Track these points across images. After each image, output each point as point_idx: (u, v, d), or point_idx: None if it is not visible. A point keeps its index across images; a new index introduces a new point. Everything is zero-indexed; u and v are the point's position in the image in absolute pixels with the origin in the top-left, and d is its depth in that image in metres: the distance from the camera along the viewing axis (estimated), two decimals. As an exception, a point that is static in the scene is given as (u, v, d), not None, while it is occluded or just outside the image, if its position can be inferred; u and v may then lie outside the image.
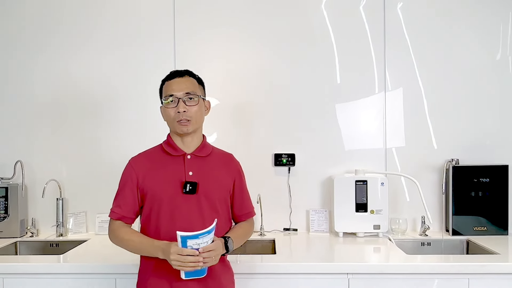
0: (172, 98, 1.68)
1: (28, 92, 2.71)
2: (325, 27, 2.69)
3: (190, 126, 1.70)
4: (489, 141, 2.66)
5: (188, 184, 1.66)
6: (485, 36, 2.66)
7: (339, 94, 2.69)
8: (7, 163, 2.66)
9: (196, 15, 2.69)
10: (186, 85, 1.70)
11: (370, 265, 2.04)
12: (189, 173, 1.69)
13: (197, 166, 1.71)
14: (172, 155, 1.72)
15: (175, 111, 1.68)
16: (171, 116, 1.69)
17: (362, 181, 2.50)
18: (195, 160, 1.73)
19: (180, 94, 1.68)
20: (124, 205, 1.70)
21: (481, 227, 2.52)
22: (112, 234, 1.72)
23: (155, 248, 1.60)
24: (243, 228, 1.83)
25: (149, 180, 1.69)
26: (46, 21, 2.71)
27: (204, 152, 1.76)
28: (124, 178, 1.73)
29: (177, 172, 1.69)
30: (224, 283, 1.73)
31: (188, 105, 1.68)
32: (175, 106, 1.68)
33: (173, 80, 1.71)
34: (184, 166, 1.70)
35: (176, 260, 1.51)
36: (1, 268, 2.04)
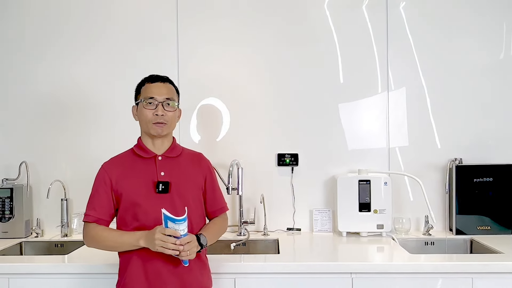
0: (152, 100, 1.73)
1: (32, 93, 2.72)
2: (327, 26, 2.69)
3: (165, 129, 1.76)
4: (492, 140, 2.65)
5: (160, 184, 1.71)
6: (489, 35, 2.66)
7: (342, 93, 2.69)
8: (12, 164, 2.68)
9: (198, 15, 2.70)
10: (167, 91, 1.77)
11: (374, 264, 2.04)
12: (161, 173, 1.74)
13: (168, 167, 1.76)
14: (144, 157, 1.77)
15: (153, 113, 1.73)
16: (148, 117, 1.74)
17: (365, 181, 2.50)
18: (166, 161, 1.77)
19: (160, 98, 1.74)
20: (98, 207, 1.73)
21: (485, 226, 2.52)
22: (88, 236, 1.74)
23: (136, 237, 1.65)
24: (216, 224, 1.88)
25: (123, 182, 1.73)
26: (50, 22, 2.72)
27: (175, 152, 1.81)
28: (98, 181, 1.77)
29: (149, 173, 1.74)
30: (201, 279, 1.77)
31: (166, 110, 1.74)
32: (154, 108, 1.73)
33: (155, 84, 1.77)
34: (156, 167, 1.75)
35: (159, 239, 1.57)
36: (6, 268, 2.06)
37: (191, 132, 2.70)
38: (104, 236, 1.71)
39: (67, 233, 2.63)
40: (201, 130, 2.71)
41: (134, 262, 1.70)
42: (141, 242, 1.64)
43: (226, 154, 2.66)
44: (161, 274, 1.68)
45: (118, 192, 1.73)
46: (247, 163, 2.61)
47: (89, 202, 1.76)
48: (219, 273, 1.97)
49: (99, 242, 1.73)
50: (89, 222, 1.73)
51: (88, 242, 1.76)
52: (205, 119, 2.71)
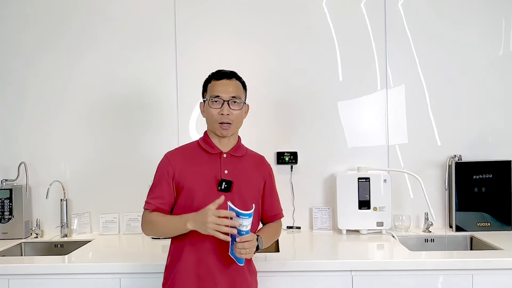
0: (217, 99, 1.70)
1: (31, 94, 2.72)
2: (326, 24, 2.69)
3: (230, 130, 1.73)
4: (492, 137, 2.65)
5: (223, 182, 1.68)
6: (487, 31, 2.66)
7: (341, 91, 2.69)
8: (10, 165, 2.68)
9: (196, 12, 2.69)
10: (233, 89, 1.72)
11: (374, 262, 2.04)
12: (225, 171, 1.71)
13: (232, 165, 1.74)
14: (209, 153, 1.74)
15: (218, 112, 1.70)
16: (214, 117, 1.71)
17: (365, 179, 2.50)
18: (231, 159, 1.75)
19: (226, 97, 1.70)
20: (160, 197, 1.71)
21: (485, 223, 2.52)
22: (145, 222, 1.72)
23: (183, 220, 1.60)
24: (272, 228, 1.86)
25: (185, 175, 1.70)
26: (51, 24, 2.72)
27: (239, 152, 1.79)
28: (161, 171, 1.73)
29: (213, 169, 1.71)
30: (250, 280, 1.75)
31: (232, 109, 1.71)
32: (220, 107, 1.70)
33: (221, 81, 1.72)
34: (220, 164, 1.72)
35: (212, 222, 1.51)
36: (6, 269, 2.06)
37: (190, 130, 2.70)
38: (157, 222, 1.68)
39: (67, 234, 2.63)
40: (200, 128, 2.70)
41: (186, 256, 1.67)
42: (189, 225, 1.58)
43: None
44: (213, 273, 1.65)
45: (179, 184, 1.70)
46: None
47: (151, 191, 1.74)
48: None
49: (153, 228, 1.71)
50: (149, 210, 1.71)
51: (145, 228, 1.73)
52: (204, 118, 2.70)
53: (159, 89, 2.70)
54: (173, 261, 1.72)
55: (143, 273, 2.02)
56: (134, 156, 2.69)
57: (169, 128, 2.70)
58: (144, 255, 2.27)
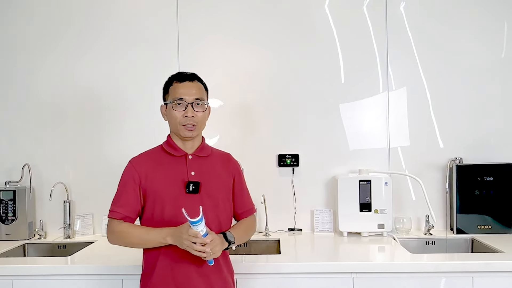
0: (181, 101, 1.68)
1: (34, 96, 2.74)
2: (328, 27, 2.70)
3: (195, 131, 1.71)
4: (493, 139, 2.66)
5: (191, 184, 1.67)
6: (490, 34, 2.66)
7: (343, 93, 2.70)
8: (14, 167, 2.70)
9: (199, 17, 2.71)
10: (196, 91, 1.71)
11: (375, 264, 2.06)
12: (191, 173, 1.70)
13: (198, 166, 1.72)
14: (174, 156, 1.72)
15: (182, 115, 1.68)
16: (177, 119, 1.69)
17: (366, 181, 2.51)
18: (196, 160, 1.73)
19: (190, 99, 1.68)
20: (126, 205, 1.67)
21: (486, 225, 2.52)
22: (113, 233, 1.68)
23: (163, 234, 1.60)
24: (244, 223, 1.85)
25: (152, 180, 1.68)
26: (52, 25, 2.74)
27: (205, 152, 1.77)
28: (125, 177, 1.71)
29: (179, 172, 1.70)
30: (227, 278, 1.76)
31: (196, 111, 1.69)
32: (183, 109, 1.68)
33: (183, 84, 1.71)
34: (186, 166, 1.71)
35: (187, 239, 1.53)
36: (10, 270, 2.08)
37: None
38: (130, 233, 1.65)
39: (70, 235, 2.65)
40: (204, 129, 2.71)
41: (161, 263, 1.66)
42: (168, 239, 1.59)
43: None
44: (190, 277, 1.65)
45: (146, 190, 1.68)
46: (248, 164, 2.61)
47: (116, 199, 1.70)
48: (220, 273, 1.98)
49: (125, 239, 1.67)
50: (116, 219, 1.67)
51: (113, 239, 1.69)
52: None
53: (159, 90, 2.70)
54: (148, 268, 1.70)
55: (145, 275, 2.03)
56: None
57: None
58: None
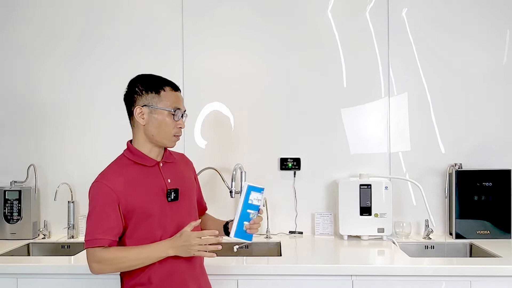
0: (178, 112, 1.62)
1: (39, 97, 2.77)
2: (331, 32, 2.73)
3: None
4: (494, 145, 2.68)
5: (172, 192, 1.62)
6: (491, 40, 2.69)
7: (345, 98, 2.73)
8: (20, 167, 2.73)
9: (203, 19, 2.75)
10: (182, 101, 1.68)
11: (374, 267, 2.08)
12: (168, 180, 1.64)
13: (171, 172, 1.67)
14: (146, 166, 1.62)
15: (175, 125, 1.62)
16: (169, 128, 1.60)
17: (366, 185, 2.54)
18: (167, 167, 1.68)
19: (183, 110, 1.65)
20: (110, 229, 1.54)
21: (484, 230, 2.54)
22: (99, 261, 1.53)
23: (162, 248, 1.54)
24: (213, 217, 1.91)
25: (132, 196, 1.56)
26: (54, 28, 2.77)
27: (171, 158, 1.73)
28: (102, 200, 1.54)
29: (157, 182, 1.62)
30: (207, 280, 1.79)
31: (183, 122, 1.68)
32: (177, 120, 1.62)
33: (177, 93, 1.65)
34: (162, 175, 1.64)
35: (197, 244, 1.52)
36: (15, 269, 2.11)
37: (195, 136, 2.75)
38: (125, 257, 1.54)
39: (74, 235, 2.68)
40: (205, 134, 2.75)
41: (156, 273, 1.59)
42: (170, 251, 1.53)
43: (229, 158, 2.71)
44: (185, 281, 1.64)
45: (128, 209, 1.55)
46: (250, 167, 2.64)
47: (95, 225, 1.53)
48: (222, 274, 2.01)
49: (119, 264, 1.55)
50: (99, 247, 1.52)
51: (100, 268, 1.54)
52: (209, 124, 2.76)
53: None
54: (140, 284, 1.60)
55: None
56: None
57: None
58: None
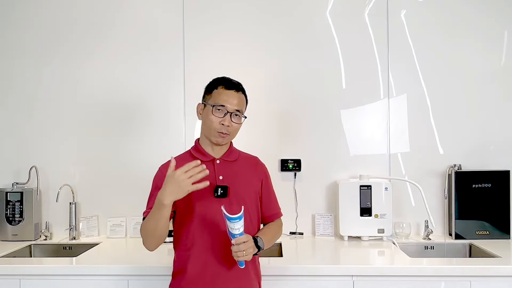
0: (222, 108, 1.68)
1: (41, 100, 2.79)
2: (330, 34, 2.75)
3: (226, 139, 1.73)
4: (493, 146, 2.70)
5: (219, 188, 1.68)
6: (489, 42, 2.71)
7: (344, 100, 2.75)
8: (22, 168, 2.75)
9: (204, 19, 2.77)
10: (238, 102, 1.72)
11: (374, 267, 2.09)
12: (220, 177, 1.71)
13: (226, 170, 1.74)
14: (202, 160, 1.67)
15: (219, 122, 1.68)
16: (213, 124, 1.68)
17: (366, 186, 2.55)
18: (224, 165, 1.75)
19: (231, 109, 1.69)
20: None
21: (484, 231, 2.56)
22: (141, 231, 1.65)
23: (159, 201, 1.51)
24: (271, 228, 1.86)
25: None
26: (57, 27, 2.79)
27: (232, 156, 1.79)
28: (155, 183, 1.71)
29: (207, 177, 1.62)
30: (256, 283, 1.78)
31: (233, 121, 1.71)
32: (222, 117, 1.68)
33: (229, 91, 1.72)
34: (214, 171, 1.72)
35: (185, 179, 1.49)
36: (17, 270, 2.12)
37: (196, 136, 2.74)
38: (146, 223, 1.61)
39: (75, 236, 2.69)
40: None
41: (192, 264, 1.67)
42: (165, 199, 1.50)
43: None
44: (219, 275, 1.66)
45: None
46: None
47: (149, 201, 1.70)
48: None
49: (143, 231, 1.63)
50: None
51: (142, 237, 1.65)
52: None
53: (166, 94, 2.77)
54: (179, 268, 1.71)
55: (151, 275, 2.08)
56: (142, 161, 2.74)
57: (176, 134, 2.76)
58: (151, 257, 2.31)
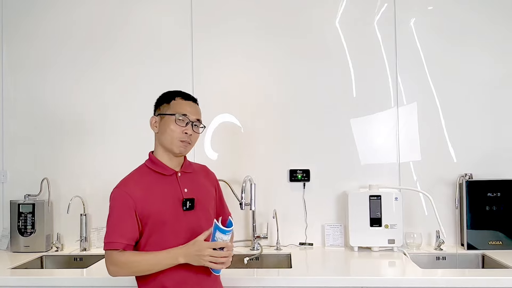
0: (184, 118, 1.70)
1: (53, 112, 2.83)
2: (339, 42, 2.76)
3: (188, 149, 1.73)
4: (505, 154, 2.66)
5: (187, 201, 1.68)
6: (499, 48, 2.69)
7: (354, 108, 2.74)
8: (34, 180, 2.78)
9: (212, 31, 2.79)
10: (198, 112, 1.76)
11: (385, 279, 2.07)
12: (185, 190, 1.71)
13: (188, 182, 1.74)
14: (164, 175, 1.71)
15: (182, 131, 1.68)
16: (175, 133, 1.68)
17: (376, 196, 2.54)
18: (185, 177, 1.75)
19: (192, 118, 1.72)
20: (126, 233, 1.61)
21: (497, 241, 2.52)
22: (115, 264, 1.62)
23: (173, 255, 1.59)
24: None
25: (148, 203, 1.63)
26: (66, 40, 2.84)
27: (190, 168, 1.80)
28: (120, 205, 1.64)
29: (173, 191, 1.69)
30: None
31: (194, 131, 1.73)
32: (184, 126, 1.69)
33: (188, 102, 1.74)
34: (179, 184, 1.71)
35: (209, 255, 1.55)
36: (28, 281, 2.14)
37: (205, 148, 2.77)
38: (138, 262, 1.61)
39: (86, 247, 2.71)
40: (215, 146, 2.78)
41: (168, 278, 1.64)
42: (181, 259, 1.58)
43: (239, 170, 2.73)
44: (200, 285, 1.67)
45: (144, 214, 1.62)
46: (260, 179, 2.65)
47: (112, 229, 1.62)
48: (232, 286, 2.00)
49: (132, 268, 1.62)
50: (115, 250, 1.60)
51: (116, 270, 1.63)
52: (219, 135, 2.78)
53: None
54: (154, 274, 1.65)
55: (159, 287, 2.07)
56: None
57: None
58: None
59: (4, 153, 2.85)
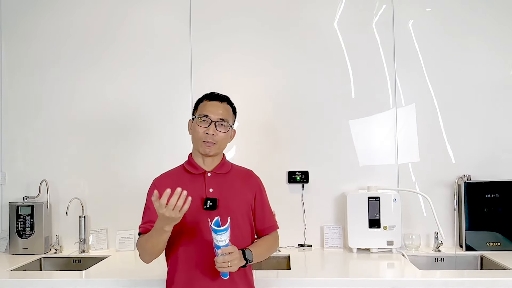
0: (206, 118, 1.74)
1: (51, 114, 2.83)
2: (338, 44, 2.76)
3: (213, 149, 1.75)
4: (504, 156, 2.67)
5: (208, 201, 1.71)
6: (499, 50, 2.69)
7: (353, 110, 2.74)
8: (33, 182, 2.78)
9: (211, 35, 2.79)
10: (223, 111, 1.76)
11: (384, 280, 2.07)
12: (210, 189, 1.74)
13: (217, 183, 1.76)
14: (193, 174, 1.77)
15: (204, 131, 1.73)
16: (199, 134, 1.74)
17: (375, 198, 2.54)
18: (215, 177, 1.77)
19: (214, 118, 1.74)
20: (149, 221, 1.72)
21: (495, 242, 2.52)
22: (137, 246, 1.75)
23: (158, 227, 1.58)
24: (265, 240, 1.86)
25: None
26: (67, 43, 2.84)
27: (224, 169, 1.81)
28: (148, 196, 1.78)
29: (198, 189, 1.73)
30: None
31: (218, 130, 1.74)
32: (206, 126, 1.73)
33: (212, 102, 1.77)
34: (205, 184, 1.75)
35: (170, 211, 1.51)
36: (27, 284, 2.13)
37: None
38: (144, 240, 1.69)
39: (85, 249, 2.71)
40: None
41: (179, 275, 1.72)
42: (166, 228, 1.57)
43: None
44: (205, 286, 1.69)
45: None
46: (259, 181, 2.65)
47: (144, 216, 1.76)
48: None
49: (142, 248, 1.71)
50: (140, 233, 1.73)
51: (139, 253, 1.74)
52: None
53: (174, 108, 2.80)
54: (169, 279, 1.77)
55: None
56: (151, 175, 2.74)
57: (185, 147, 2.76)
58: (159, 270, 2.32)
59: (3, 155, 2.85)
